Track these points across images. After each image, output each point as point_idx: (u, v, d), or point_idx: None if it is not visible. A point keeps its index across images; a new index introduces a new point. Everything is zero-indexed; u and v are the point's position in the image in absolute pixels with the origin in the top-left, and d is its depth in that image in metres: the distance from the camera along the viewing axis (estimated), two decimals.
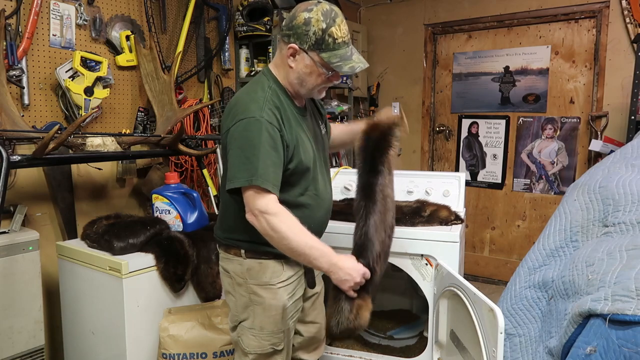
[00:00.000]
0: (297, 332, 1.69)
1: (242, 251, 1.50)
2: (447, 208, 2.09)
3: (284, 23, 1.44)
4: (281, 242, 1.38)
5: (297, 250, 1.39)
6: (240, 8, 3.03)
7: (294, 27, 1.39)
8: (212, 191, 2.59)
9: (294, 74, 1.44)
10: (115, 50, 2.43)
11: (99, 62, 2.26)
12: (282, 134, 1.39)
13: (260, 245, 1.45)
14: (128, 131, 2.46)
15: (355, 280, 1.44)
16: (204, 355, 1.88)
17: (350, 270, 1.44)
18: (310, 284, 1.63)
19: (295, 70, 1.43)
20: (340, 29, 1.39)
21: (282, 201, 1.43)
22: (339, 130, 1.82)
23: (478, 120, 3.90)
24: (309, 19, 1.37)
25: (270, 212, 1.35)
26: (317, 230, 1.56)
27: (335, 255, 1.44)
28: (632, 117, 2.92)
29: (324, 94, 1.55)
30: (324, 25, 1.37)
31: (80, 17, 2.25)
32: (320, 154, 1.56)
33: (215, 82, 3.04)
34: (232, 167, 1.37)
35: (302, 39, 1.38)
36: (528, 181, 3.74)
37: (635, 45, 3.06)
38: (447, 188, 2.28)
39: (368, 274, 1.47)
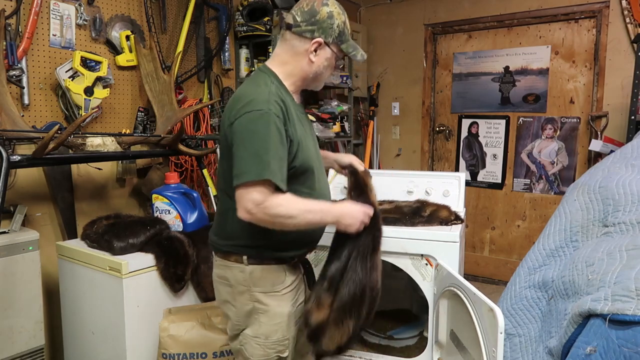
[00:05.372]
0: None
1: (245, 257, 1.42)
2: (447, 208, 2.09)
3: (299, 19, 1.40)
4: (287, 223, 1.33)
5: (305, 221, 1.36)
6: (240, 8, 3.03)
7: (319, 21, 1.39)
8: (212, 191, 2.58)
9: (313, 68, 1.44)
10: (115, 50, 2.43)
11: (99, 62, 2.26)
12: (287, 127, 1.34)
13: (265, 250, 1.42)
14: (128, 131, 2.46)
15: (360, 220, 1.43)
16: (204, 355, 1.88)
17: (353, 212, 1.44)
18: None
19: (315, 64, 1.43)
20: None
21: None
22: None
23: (478, 120, 3.89)
24: (331, 13, 1.40)
25: (264, 201, 1.28)
26: (319, 230, 1.54)
27: (335, 206, 1.45)
28: (632, 117, 2.92)
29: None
30: (344, 18, 1.43)
31: (80, 17, 2.25)
32: (318, 152, 1.56)
33: (215, 82, 3.04)
34: (239, 162, 1.29)
35: (327, 33, 1.40)
36: (528, 181, 3.74)
37: (635, 45, 3.06)
38: (447, 188, 2.28)
39: (371, 210, 1.47)
